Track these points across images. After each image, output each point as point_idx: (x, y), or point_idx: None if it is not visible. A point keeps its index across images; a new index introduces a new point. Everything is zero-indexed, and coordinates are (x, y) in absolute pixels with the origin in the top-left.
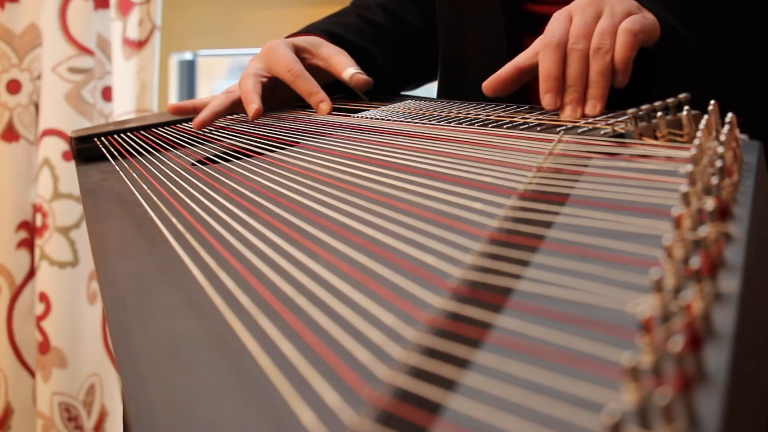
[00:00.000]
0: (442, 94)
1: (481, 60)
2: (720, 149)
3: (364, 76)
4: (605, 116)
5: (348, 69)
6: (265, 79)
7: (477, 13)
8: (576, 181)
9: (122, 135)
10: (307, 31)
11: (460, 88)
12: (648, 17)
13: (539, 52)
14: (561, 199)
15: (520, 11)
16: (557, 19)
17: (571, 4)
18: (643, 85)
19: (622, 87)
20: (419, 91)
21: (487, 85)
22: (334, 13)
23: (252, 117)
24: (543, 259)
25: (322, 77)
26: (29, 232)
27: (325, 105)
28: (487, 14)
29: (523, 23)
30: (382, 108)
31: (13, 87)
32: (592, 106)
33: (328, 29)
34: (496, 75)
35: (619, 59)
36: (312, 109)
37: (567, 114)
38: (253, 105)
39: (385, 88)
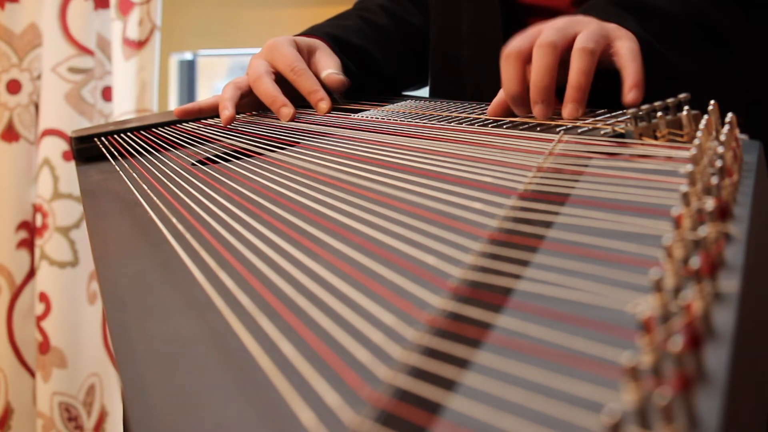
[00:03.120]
0: (434, 90)
1: (474, 54)
2: (720, 149)
3: (339, 77)
4: (605, 116)
5: (325, 69)
6: (274, 76)
7: (473, 6)
8: (576, 181)
9: (122, 135)
10: (310, 33)
11: (452, 84)
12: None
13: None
14: (561, 199)
15: (517, 3)
16: (525, 32)
17: (546, 24)
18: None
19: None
20: (419, 91)
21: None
22: (337, 15)
23: (289, 119)
24: (543, 259)
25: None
26: (29, 232)
27: (325, 104)
28: (483, 6)
29: (519, 16)
30: (382, 108)
31: (13, 87)
32: (572, 110)
33: (330, 32)
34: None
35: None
36: (311, 108)
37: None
38: (286, 108)
39: (386, 89)
